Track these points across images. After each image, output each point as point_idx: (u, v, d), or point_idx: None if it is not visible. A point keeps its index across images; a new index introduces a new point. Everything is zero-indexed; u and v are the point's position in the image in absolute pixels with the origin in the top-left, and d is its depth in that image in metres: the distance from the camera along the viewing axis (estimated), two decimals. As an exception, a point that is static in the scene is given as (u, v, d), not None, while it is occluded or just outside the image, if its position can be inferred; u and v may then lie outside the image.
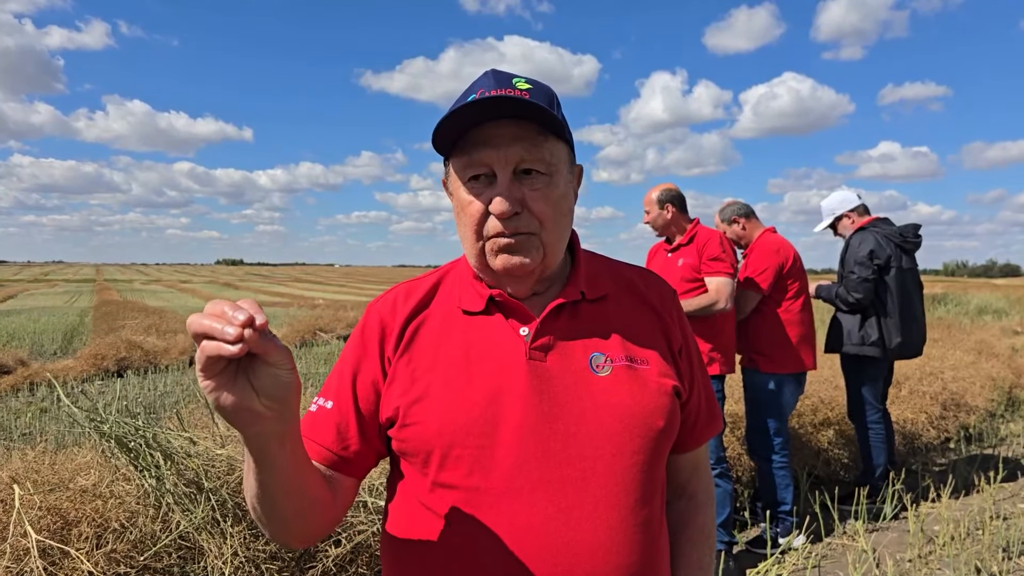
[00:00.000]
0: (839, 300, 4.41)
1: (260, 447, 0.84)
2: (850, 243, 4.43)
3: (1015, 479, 5.00)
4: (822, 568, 3.65)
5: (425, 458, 0.99)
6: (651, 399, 1.03)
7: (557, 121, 0.98)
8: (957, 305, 18.39)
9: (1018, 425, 6.70)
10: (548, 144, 1.01)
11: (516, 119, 0.99)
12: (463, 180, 1.02)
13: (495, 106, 0.96)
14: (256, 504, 0.93)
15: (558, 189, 1.03)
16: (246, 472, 0.91)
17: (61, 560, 2.47)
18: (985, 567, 3.54)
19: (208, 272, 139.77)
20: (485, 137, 0.99)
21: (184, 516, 2.72)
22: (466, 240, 1.04)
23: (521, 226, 1.00)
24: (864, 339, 4.34)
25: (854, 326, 4.38)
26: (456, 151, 1.02)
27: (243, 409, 0.78)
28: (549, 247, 1.03)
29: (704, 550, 1.18)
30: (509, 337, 1.04)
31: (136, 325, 13.95)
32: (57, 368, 9.43)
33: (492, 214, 0.99)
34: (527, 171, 1.00)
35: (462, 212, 1.03)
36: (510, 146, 0.98)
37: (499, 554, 0.94)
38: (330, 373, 1.10)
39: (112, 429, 2.80)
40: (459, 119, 0.97)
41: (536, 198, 1.00)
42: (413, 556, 1.01)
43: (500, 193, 0.98)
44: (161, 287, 52.00)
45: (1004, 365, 7.82)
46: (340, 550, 2.91)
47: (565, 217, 1.05)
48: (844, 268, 4.43)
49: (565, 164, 1.05)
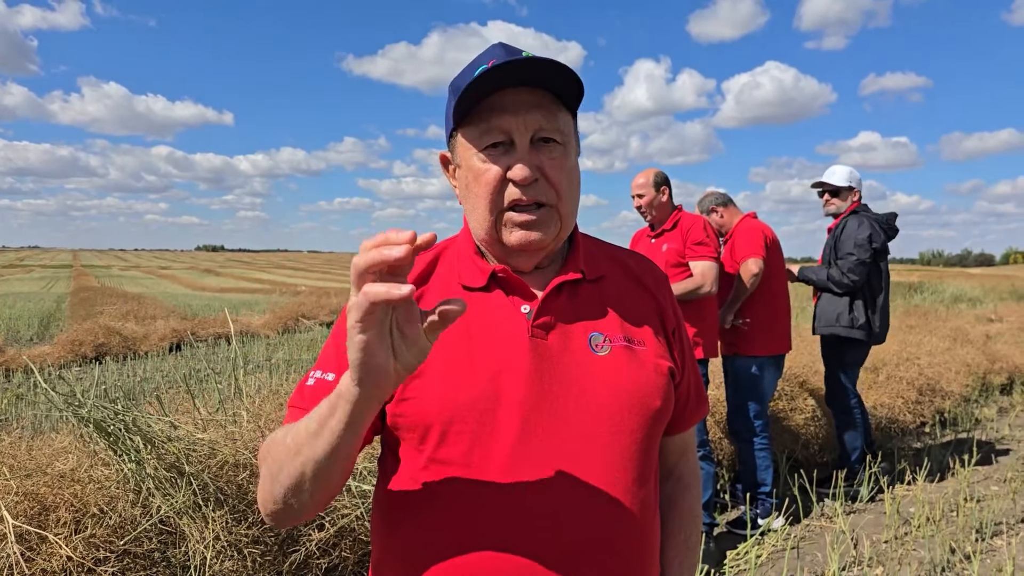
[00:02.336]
0: (831, 282, 4.37)
1: (362, 411, 0.81)
2: (847, 225, 4.40)
3: (988, 462, 5.10)
4: (801, 549, 3.70)
5: (423, 434, 0.98)
6: (648, 379, 1.03)
7: (579, 86, 0.98)
8: (933, 293, 18.64)
9: (991, 410, 6.82)
10: (561, 114, 1.01)
11: (533, 88, 0.98)
12: (478, 148, 1.00)
13: (519, 69, 0.94)
14: (308, 471, 0.88)
15: (571, 160, 1.02)
16: (309, 438, 0.86)
17: (39, 545, 2.45)
18: (959, 548, 3.61)
19: (188, 258, 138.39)
20: (504, 104, 0.97)
21: (165, 500, 2.70)
22: (477, 210, 1.02)
23: (539, 195, 0.99)
24: (853, 322, 4.35)
25: (844, 309, 4.37)
26: (469, 120, 1.00)
27: (379, 369, 0.76)
28: (565, 219, 1.03)
29: (691, 530, 1.20)
30: (511, 314, 1.03)
31: (114, 311, 13.80)
32: (34, 354, 9.30)
33: (511, 181, 0.98)
34: (544, 140, 0.99)
35: (475, 181, 1.00)
36: (529, 112, 0.97)
37: (497, 530, 0.94)
38: (325, 346, 1.08)
39: (91, 413, 2.77)
40: (485, 82, 0.94)
41: (553, 167, 0.99)
42: (407, 532, 1.01)
43: (521, 159, 0.97)
44: (140, 273, 51.47)
45: (978, 351, 7.93)
46: (323, 534, 2.91)
47: (577, 189, 1.05)
48: (839, 249, 4.39)
49: (574, 137, 1.05)
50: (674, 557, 1.16)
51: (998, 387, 7.56)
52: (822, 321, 4.48)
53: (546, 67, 0.95)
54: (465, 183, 1.04)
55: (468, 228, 1.11)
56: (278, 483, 0.92)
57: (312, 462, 0.87)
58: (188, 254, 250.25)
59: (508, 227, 1.01)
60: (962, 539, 3.71)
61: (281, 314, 14.28)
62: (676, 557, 1.16)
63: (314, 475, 0.88)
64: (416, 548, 0.99)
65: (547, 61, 0.94)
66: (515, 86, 0.98)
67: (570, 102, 1.02)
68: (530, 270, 1.08)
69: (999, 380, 7.62)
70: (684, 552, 1.17)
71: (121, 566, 2.54)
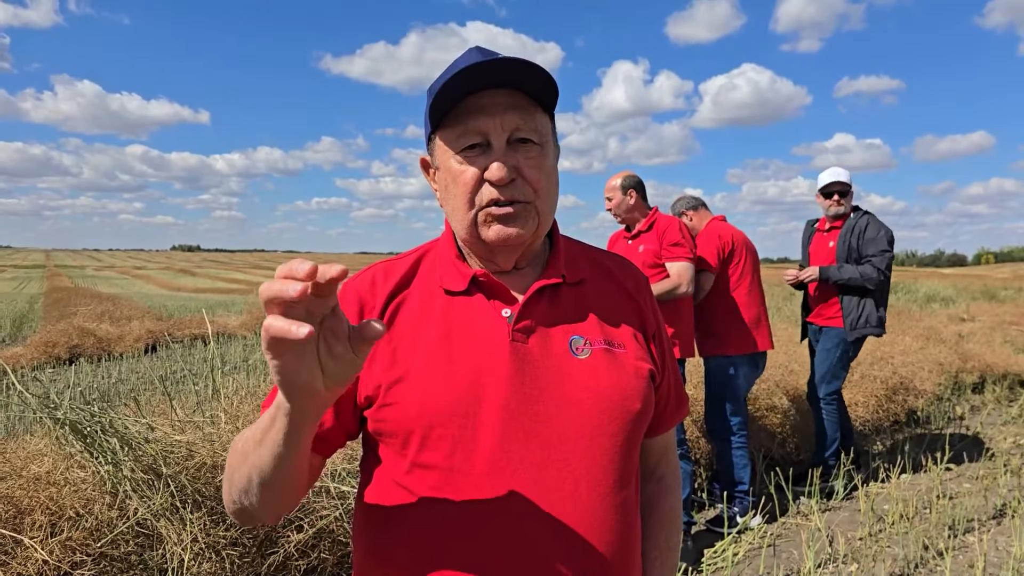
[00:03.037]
0: (865, 279, 4.35)
1: (298, 423, 0.81)
2: (868, 223, 4.47)
3: (961, 460, 5.19)
4: (777, 547, 3.75)
5: (404, 439, 0.98)
6: (629, 382, 1.04)
7: (554, 87, 0.99)
8: (907, 293, 18.92)
9: (964, 408, 6.94)
10: (538, 115, 1.02)
11: (509, 89, 0.99)
12: (456, 150, 1.01)
13: (494, 71, 0.95)
14: (254, 477, 0.90)
15: (549, 160, 1.03)
16: (254, 445, 0.89)
17: (14, 549, 2.42)
18: (932, 544, 3.67)
19: (164, 258, 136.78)
20: (480, 105, 0.98)
21: (142, 503, 2.68)
22: (457, 212, 1.03)
23: (516, 194, 0.99)
24: (880, 321, 4.45)
25: (871, 309, 4.43)
26: (446, 122, 1.01)
27: (305, 387, 0.75)
28: (543, 216, 1.03)
29: (672, 531, 1.20)
30: (492, 318, 1.03)
31: (88, 312, 13.59)
32: (6, 356, 9.15)
33: (487, 181, 0.99)
34: (521, 140, 1.00)
35: (453, 182, 1.01)
36: (505, 113, 0.98)
37: (479, 534, 0.95)
38: None
39: (66, 415, 2.73)
40: (460, 84, 0.95)
41: (531, 166, 1.00)
42: (389, 536, 1.01)
43: (497, 158, 0.98)
44: (114, 273, 50.78)
45: (951, 351, 8.06)
46: (302, 536, 2.90)
47: (555, 188, 1.05)
48: (863, 248, 4.43)
49: (552, 138, 1.06)
50: (655, 558, 1.16)
51: (970, 386, 7.68)
52: (852, 324, 4.45)
53: (520, 68, 0.95)
54: (444, 185, 1.04)
55: (449, 231, 1.11)
56: (233, 485, 0.94)
57: (257, 469, 0.89)
58: (163, 254, 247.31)
59: (487, 223, 1.01)
60: (935, 536, 3.77)
61: (258, 315, 14.13)
62: (657, 558, 1.17)
63: (261, 483, 0.91)
64: (399, 552, 0.99)
65: (520, 61, 0.95)
66: (491, 88, 0.98)
67: (546, 103, 1.03)
68: (511, 268, 1.08)
69: (971, 379, 7.74)
70: (665, 553, 1.18)
71: (98, 569, 2.51)
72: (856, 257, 4.46)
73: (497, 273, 1.08)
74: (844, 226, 4.55)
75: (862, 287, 4.41)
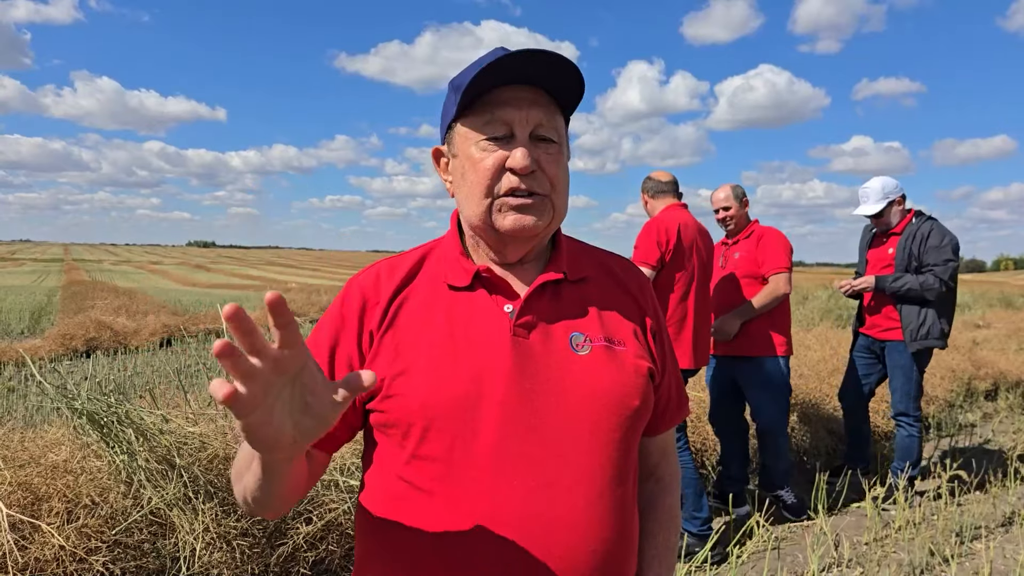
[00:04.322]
0: (924, 290, 4.12)
1: (273, 466, 0.86)
2: (932, 230, 4.21)
3: (970, 467, 5.16)
4: (782, 549, 3.76)
5: (405, 431, 1.00)
6: (628, 379, 1.05)
7: (581, 86, 1.03)
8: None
9: (975, 415, 6.89)
10: (557, 116, 1.06)
11: (534, 87, 1.02)
12: (479, 138, 1.03)
13: (527, 64, 0.99)
14: (247, 496, 0.97)
15: (564, 159, 1.07)
16: (242, 469, 0.95)
17: (32, 534, 2.48)
18: (939, 551, 3.67)
19: (179, 254, 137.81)
20: (506, 98, 1.02)
21: (156, 492, 2.73)
22: (472, 198, 1.05)
23: (535, 185, 1.02)
24: (942, 333, 4.24)
25: (932, 320, 4.19)
26: (470, 111, 1.04)
27: (271, 439, 0.74)
28: (557, 211, 1.06)
29: (670, 531, 1.21)
30: (494, 314, 1.05)
31: (105, 306, 13.76)
32: (24, 348, 9.28)
33: (509, 170, 1.01)
34: (541, 138, 1.03)
35: (472, 169, 1.04)
36: (531, 108, 1.02)
37: (478, 527, 0.96)
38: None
39: (84, 406, 2.80)
40: (491, 72, 0.98)
41: (550, 162, 1.03)
42: (389, 527, 1.02)
43: (521, 148, 1.01)
44: (131, 268, 51.22)
45: (964, 357, 8.00)
46: (311, 528, 2.95)
47: (568, 187, 1.09)
48: (924, 256, 4.18)
49: (566, 140, 1.09)
50: (654, 556, 1.17)
51: (983, 393, 7.63)
52: (912, 334, 4.22)
53: (552, 65, 0.99)
54: (461, 172, 1.06)
55: (454, 229, 1.14)
56: (237, 486, 1.00)
57: (250, 491, 0.95)
58: (179, 249, 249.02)
59: (503, 211, 1.03)
60: (942, 542, 3.77)
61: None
62: (656, 556, 1.17)
63: (254, 499, 0.96)
64: (399, 544, 1.01)
65: (556, 56, 0.98)
66: (519, 83, 1.02)
67: (567, 104, 1.07)
68: (517, 261, 1.10)
69: (984, 386, 7.68)
70: (664, 552, 1.18)
71: (112, 556, 2.57)
72: (916, 266, 4.21)
73: (503, 266, 1.10)
74: (905, 231, 4.30)
75: (921, 297, 4.18)
